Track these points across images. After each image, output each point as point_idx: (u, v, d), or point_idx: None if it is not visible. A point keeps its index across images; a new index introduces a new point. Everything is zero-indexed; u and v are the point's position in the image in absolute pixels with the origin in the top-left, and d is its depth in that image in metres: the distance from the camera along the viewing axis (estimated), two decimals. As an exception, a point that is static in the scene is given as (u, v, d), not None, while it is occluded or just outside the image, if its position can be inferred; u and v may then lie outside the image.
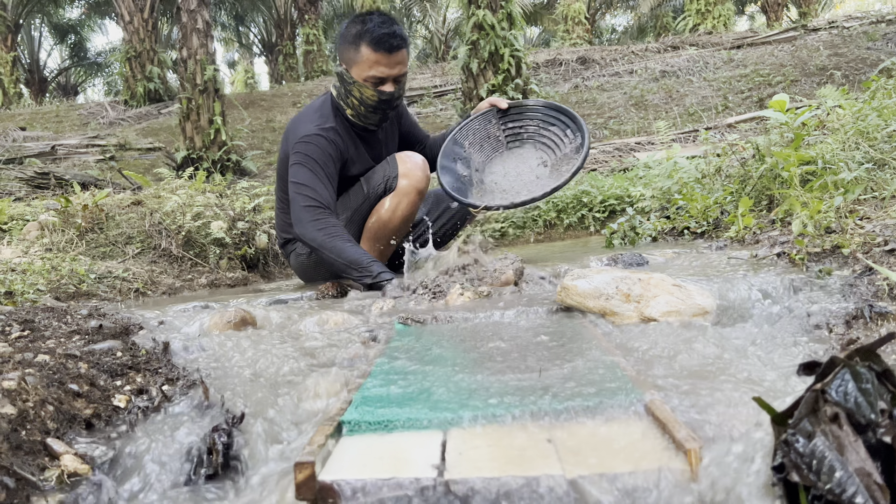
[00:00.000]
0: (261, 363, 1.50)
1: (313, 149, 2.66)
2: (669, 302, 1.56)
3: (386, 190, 2.83)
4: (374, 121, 2.79)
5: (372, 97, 2.67)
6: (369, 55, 2.62)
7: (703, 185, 3.91)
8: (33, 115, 14.75)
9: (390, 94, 2.69)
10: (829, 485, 0.66)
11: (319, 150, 2.66)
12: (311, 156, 2.64)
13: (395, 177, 2.81)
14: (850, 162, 2.69)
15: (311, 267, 2.99)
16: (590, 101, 11.97)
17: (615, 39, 28.79)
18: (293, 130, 2.78)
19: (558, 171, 2.91)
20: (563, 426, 0.95)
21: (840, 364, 0.74)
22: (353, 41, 2.65)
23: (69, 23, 25.45)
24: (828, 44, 12.13)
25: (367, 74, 2.64)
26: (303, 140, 2.68)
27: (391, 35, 2.60)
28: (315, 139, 2.67)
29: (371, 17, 2.64)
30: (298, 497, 0.83)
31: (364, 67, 2.64)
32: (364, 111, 2.73)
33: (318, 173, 2.62)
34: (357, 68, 2.66)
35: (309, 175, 2.61)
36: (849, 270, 1.73)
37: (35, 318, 1.71)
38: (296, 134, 2.73)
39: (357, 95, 2.69)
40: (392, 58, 2.63)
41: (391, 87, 2.69)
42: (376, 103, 2.70)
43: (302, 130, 2.72)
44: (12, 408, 1.05)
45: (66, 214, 3.85)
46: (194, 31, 10.40)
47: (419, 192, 2.83)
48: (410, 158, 2.84)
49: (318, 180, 2.61)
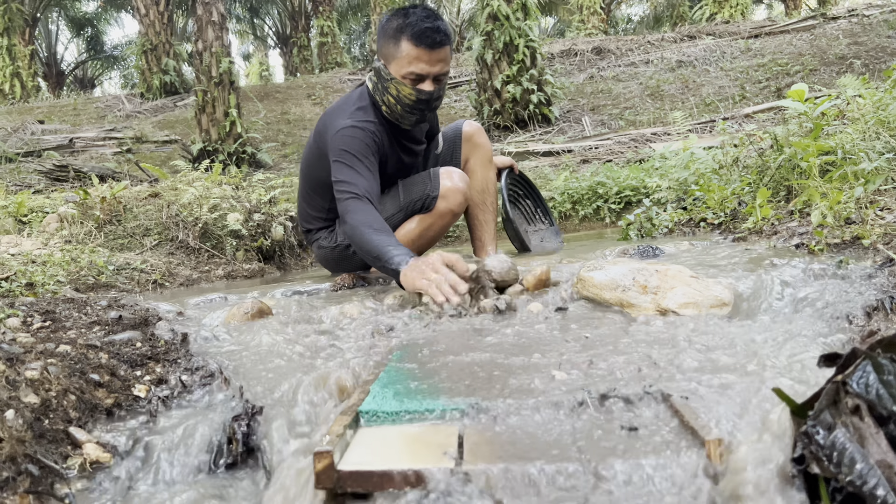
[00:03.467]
0: (278, 354, 1.51)
1: (351, 141, 2.52)
2: (687, 293, 1.55)
3: (423, 208, 2.73)
4: (409, 121, 2.64)
5: (410, 95, 2.52)
6: (409, 50, 2.46)
7: (720, 175, 3.88)
8: (51, 109, 14.88)
9: (429, 94, 2.53)
10: (849, 476, 0.66)
11: (358, 141, 2.52)
12: (349, 150, 2.50)
13: (435, 197, 2.70)
14: (871, 152, 2.65)
15: (333, 259, 2.94)
16: (605, 92, 11.89)
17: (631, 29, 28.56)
18: (329, 124, 2.64)
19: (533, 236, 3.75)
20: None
21: (861, 355, 0.73)
22: (393, 35, 2.50)
23: (86, 16, 25.60)
24: (847, 32, 11.96)
25: (406, 71, 2.48)
26: (341, 133, 2.54)
27: (434, 30, 2.45)
28: (352, 131, 2.53)
29: (414, 11, 2.50)
30: (318, 486, 0.84)
31: (403, 63, 2.48)
32: (400, 110, 2.58)
33: (358, 166, 2.47)
34: (396, 64, 2.50)
35: (348, 170, 2.46)
36: (869, 261, 1.71)
37: (56, 308, 1.73)
38: (332, 127, 2.59)
39: (394, 93, 2.54)
40: (433, 54, 2.47)
41: (430, 85, 2.52)
42: (414, 102, 2.54)
43: (339, 123, 2.58)
44: (35, 397, 1.07)
45: (85, 207, 3.89)
46: (209, 24, 10.44)
47: (455, 215, 2.75)
48: (453, 178, 2.72)
49: (358, 173, 2.45)
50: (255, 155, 10.59)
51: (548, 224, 3.84)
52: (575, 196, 5.62)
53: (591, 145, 8.37)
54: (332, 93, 15.19)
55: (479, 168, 3.13)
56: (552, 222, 3.84)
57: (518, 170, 3.64)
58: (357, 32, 29.78)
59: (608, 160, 7.38)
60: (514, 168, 3.59)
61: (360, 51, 30.06)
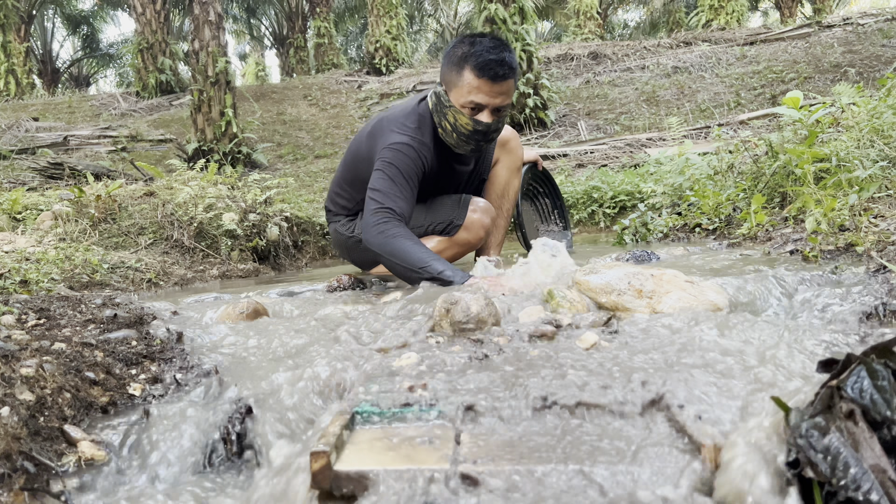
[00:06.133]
0: (273, 353, 1.51)
1: (401, 158, 2.50)
2: (682, 298, 1.56)
3: (444, 231, 2.77)
4: (464, 150, 2.61)
5: (466, 125, 2.48)
6: (471, 80, 2.42)
7: (715, 181, 3.90)
8: (46, 106, 14.83)
9: (486, 126, 2.48)
10: (843, 481, 0.66)
11: (408, 160, 2.50)
12: (395, 164, 2.48)
13: (459, 226, 2.74)
14: (865, 160, 2.67)
15: (346, 247, 2.98)
16: (601, 97, 11.92)
17: (627, 35, 28.64)
18: (385, 131, 2.62)
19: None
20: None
21: (856, 361, 0.74)
22: (457, 63, 2.46)
23: (82, 14, 25.53)
24: (842, 41, 12.03)
25: (466, 100, 2.44)
26: (392, 147, 2.52)
27: (499, 62, 2.40)
28: (406, 149, 2.52)
29: (481, 41, 2.45)
30: (313, 486, 0.84)
31: (463, 92, 2.44)
32: (456, 138, 2.54)
33: (399, 182, 2.46)
34: (456, 92, 2.47)
35: (388, 183, 2.44)
36: (863, 268, 1.72)
37: (50, 306, 1.73)
38: (387, 137, 2.57)
39: (451, 120, 2.50)
40: (495, 87, 2.42)
41: (489, 117, 2.48)
42: (470, 133, 2.50)
43: (394, 137, 2.55)
44: (31, 394, 1.07)
45: (80, 205, 3.88)
46: (206, 23, 10.43)
47: (472, 247, 2.81)
48: (479, 211, 2.76)
49: (397, 189, 2.44)
50: (250, 155, 10.58)
51: (561, 227, 3.80)
52: (570, 200, 5.63)
53: (586, 150, 8.39)
54: (329, 94, 15.19)
55: (504, 172, 3.16)
56: (567, 226, 3.80)
57: (542, 166, 3.62)
58: (354, 34, 29.78)
59: (603, 165, 7.40)
60: (539, 164, 3.57)
61: (356, 52, 30.06)
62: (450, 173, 2.82)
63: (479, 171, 3.04)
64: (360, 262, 3.02)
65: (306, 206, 5.40)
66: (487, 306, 1.50)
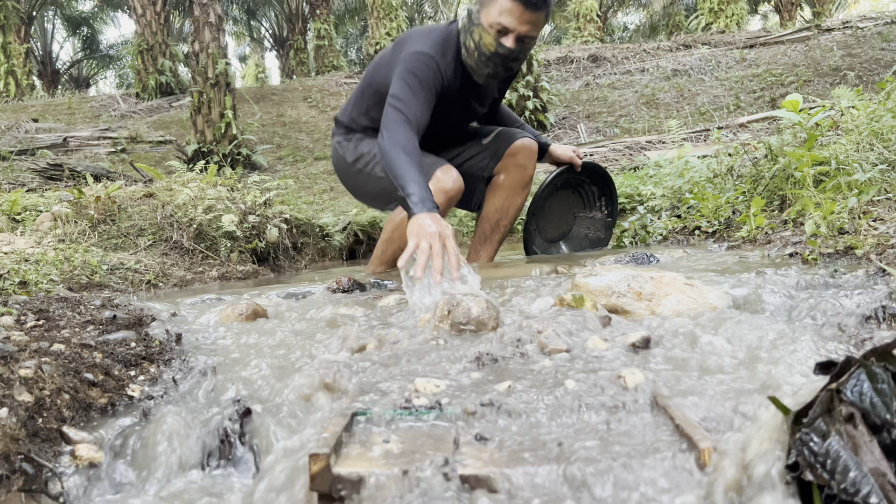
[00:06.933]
0: (272, 354, 1.51)
1: (422, 68, 2.53)
2: (681, 301, 1.56)
3: None
4: (482, 72, 2.62)
5: (490, 45, 2.50)
6: (505, 2, 2.44)
7: (714, 184, 3.90)
8: (45, 107, 14.83)
9: (509, 50, 2.50)
10: (843, 484, 0.66)
11: (429, 71, 2.53)
12: (416, 74, 2.51)
13: None
14: (864, 163, 2.67)
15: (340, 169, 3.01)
16: (601, 99, 11.93)
17: (627, 37, 28.69)
18: (410, 41, 2.65)
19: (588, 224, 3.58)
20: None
21: (856, 364, 0.74)
22: None
23: (82, 15, 25.56)
24: (841, 44, 12.05)
25: (495, 20, 2.46)
26: (416, 55, 2.55)
27: None
28: (428, 59, 2.55)
29: None
30: (312, 488, 0.84)
31: (494, 12, 2.46)
32: (477, 58, 2.57)
33: (418, 92, 2.49)
34: (487, 10, 2.49)
35: (408, 92, 2.47)
36: (862, 271, 1.72)
37: (49, 307, 1.73)
38: (411, 46, 2.60)
39: (476, 38, 2.53)
40: (526, 13, 2.44)
41: (513, 42, 2.49)
42: (491, 54, 2.52)
43: (419, 46, 2.58)
44: (29, 396, 1.07)
45: (79, 206, 3.87)
46: (206, 25, 10.44)
47: None
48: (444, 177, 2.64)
49: (416, 98, 2.48)
50: (249, 157, 10.58)
51: (604, 215, 3.59)
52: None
53: (586, 152, 8.39)
54: (328, 96, 15.19)
55: (506, 188, 3.03)
56: (611, 216, 3.58)
57: (579, 163, 3.35)
58: (354, 36, 29.81)
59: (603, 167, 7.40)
60: (576, 166, 3.34)
61: (356, 54, 30.09)
62: (465, 107, 2.82)
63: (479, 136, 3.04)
64: (356, 189, 3.04)
65: (306, 207, 5.40)
66: (488, 309, 1.50)
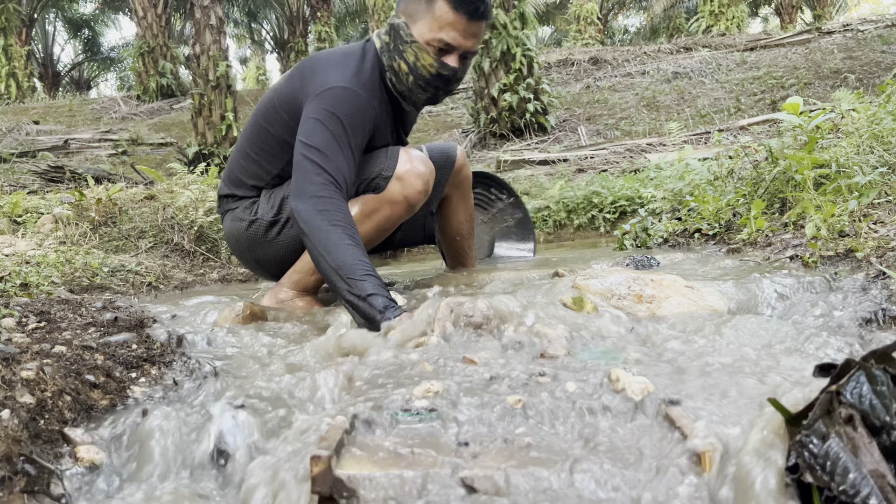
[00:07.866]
0: (272, 355, 1.52)
1: (346, 109, 2.00)
2: (682, 303, 1.56)
3: (370, 188, 2.13)
4: (417, 98, 2.14)
5: (430, 66, 2.04)
6: (445, 13, 1.99)
7: (714, 187, 3.90)
8: (46, 109, 14.85)
9: (452, 71, 2.06)
10: (842, 486, 0.66)
11: (354, 111, 2.01)
12: (338, 116, 1.98)
13: (389, 177, 2.11)
14: (865, 166, 2.67)
15: (244, 241, 2.32)
16: (601, 102, 11.94)
17: (627, 40, 28.71)
18: (320, 73, 2.09)
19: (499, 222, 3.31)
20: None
21: (855, 366, 0.74)
22: None
23: (83, 17, 25.60)
24: (842, 47, 12.06)
25: (435, 36, 2.01)
26: (335, 91, 2.02)
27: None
28: (353, 97, 2.02)
29: None
30: (313, 490, 0.84)
31: (433, 26, 2.01)
32: (412, 82, 2.08)
33: (342, 141, 1.97)
34: (423, 25, 2.03)
35: (330, 140, 1.95)
36: (862, 274, 1.72)
37: (51, 309, 1.73)
38: (324, 79, 2.05)
39: (410, 60, 2.05)
40: (471, 25, 2.02)
41: (456, 61, 2.06)
42: (431, 77, 2.06)
43: (337, 79, 2.04)
44: (31, 397, 1.07)
45: (80, 208, 3.88)
46: (207, 28, 10.46)
47: (410, 206, 2.14)
48: (414, 161, 2.15)
49: (341, 150, 1.95)
50: (250, 159, 10.58)
51: (506, 197, 3.23)
52: (570, 205, 5.64)
53: (586, 155, 8.40)
54: (329, 98, 15.17)
55: (461, 199, 2.70)
56: (510, 194, 3.22)
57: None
58: (355, 38, 29.86)
59: (603, 170, 7.41)
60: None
61: (357, 57, 30.08)
62: (393, 130, 2.30)
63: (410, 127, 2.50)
64: (263, 259, 2.34)
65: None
66: (489, 309, 1.50)
